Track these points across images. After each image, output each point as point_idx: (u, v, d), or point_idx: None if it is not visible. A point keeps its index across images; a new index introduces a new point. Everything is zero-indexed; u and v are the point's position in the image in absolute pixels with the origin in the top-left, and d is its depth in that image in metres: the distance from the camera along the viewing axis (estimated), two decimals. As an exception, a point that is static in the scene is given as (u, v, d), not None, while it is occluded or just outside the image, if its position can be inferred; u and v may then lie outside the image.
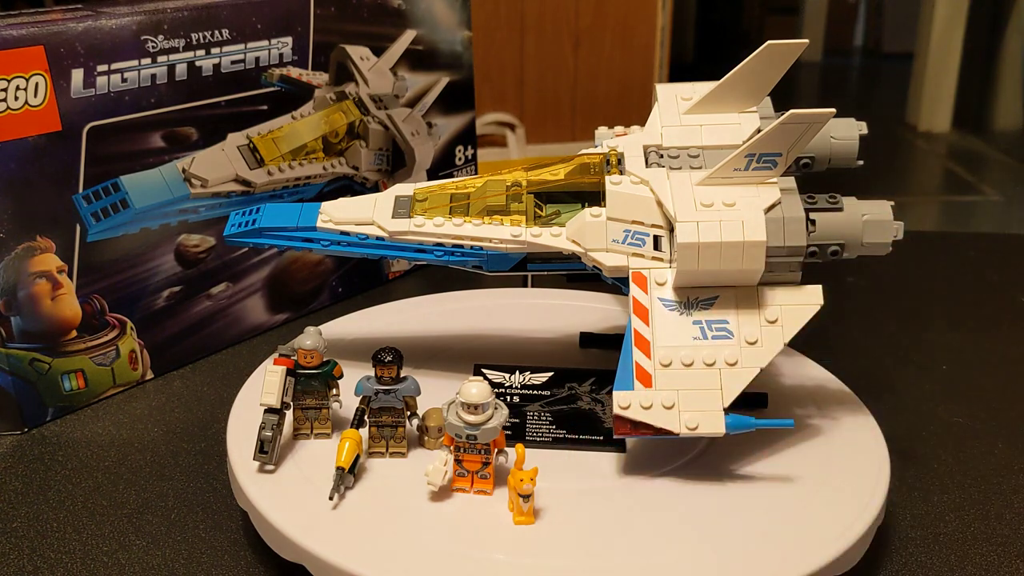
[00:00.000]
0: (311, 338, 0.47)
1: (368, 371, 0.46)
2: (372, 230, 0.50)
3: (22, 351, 0.55)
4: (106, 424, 0.57)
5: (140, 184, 0.58)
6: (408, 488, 0.44)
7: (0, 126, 0.51)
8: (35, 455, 0.53)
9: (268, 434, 0.45)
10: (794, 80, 2.93)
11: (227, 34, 0.60)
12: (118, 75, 0.55)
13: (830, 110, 0.42)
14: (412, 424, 0.47)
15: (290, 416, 0.47)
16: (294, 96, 0.66)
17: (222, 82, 0.61)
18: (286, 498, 0.43)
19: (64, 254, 0.56)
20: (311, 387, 0.47)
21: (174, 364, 0.63)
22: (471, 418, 0.42)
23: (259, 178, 0.65)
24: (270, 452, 0.45)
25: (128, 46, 0.56)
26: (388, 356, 0.46)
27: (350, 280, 0.74)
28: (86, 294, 0.57)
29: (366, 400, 0.46)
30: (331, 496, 0.43)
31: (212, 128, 0.61)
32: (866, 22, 3.51)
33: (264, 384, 0.46)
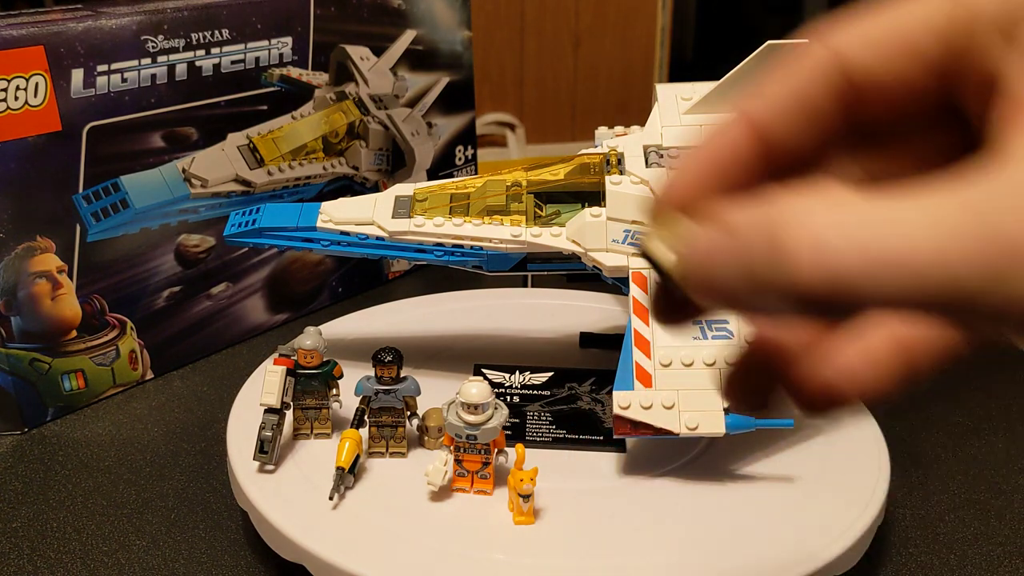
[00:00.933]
0: (311, 338, 0.47)
1: (368, 371, 0.46)
2: (372, 230, 0.50)
3: (22, 351, 0.55)
4: (106, 424, 0.57)
5: (140, 184, 0.58)
6: (408, 488, 0.44)
7: (0, 126, 0.51)
8: (35, 455, 0.53)
9: (268, 434, 0.45)
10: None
11: (227, 34, 0.60)
12: (118, 75, 0.55)
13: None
14: (412, 424, 0.47)
15: (290, 416, 0.47)
16: (294, 96, 0.66)
17: (222, 82, 0.61)
18: (286, 498, 0.43)
19: (64, 254, 0.56)
20: (311, 387, 0.47)
21: (174, 364, 0.63)
22: (471, 418, 0.42)
23: (259, 178, 0.65)
24: (270, 452, 0.45)
25: (128, 46, 0.56)
26: (388, 356, 0.46)
27: (350, 280, 0.74)
28: (86, 294, 0.57)
29: (366, 400, 0.46)
30: (331, 496, 0.43)
31: (212, 128, 0.61)
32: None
33: (264, 384, 0.46)
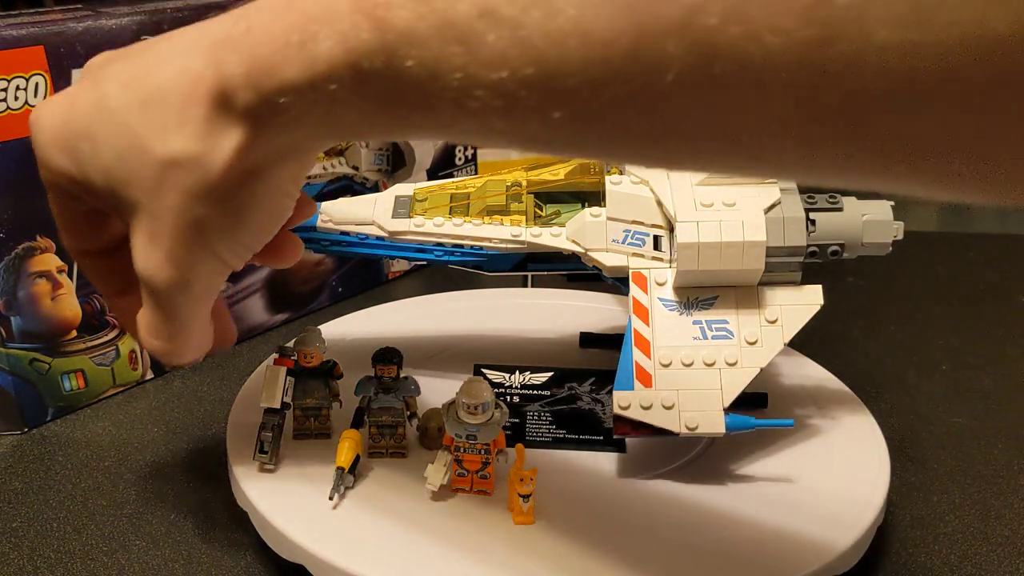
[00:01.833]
0: (311, 338, 0.47)
1: (368, 371, 0.46)
2: (372, 230, 0.50)
3: (22, 351, 0.55)
4: (106, 424, 0.57)
5: (140, 184, 0.58)
6: (408, 488, 0.44)
7: (0, 126, 0.51)
8: (35, 455, 0.53)
9: (268, 434, 0.45)
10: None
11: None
12: (118, 75, 0.55)
13: None
14: (412, 424, 0.47)
15: (290, 416, 0.47)
16: (294, 96, 0.66)
17: (222, 82, 0.61)
18: (286, 498, 0.43)
19: (64, 254, 0.55)
20: (311, 387, 0.47)
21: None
22: (471, 418, 0.42)
23: (259, 178, 0.64)
24: (270, 452, 0.44)
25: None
26: (388, 356, 0.46)
27: (350, 280, 0.74)
28: (86, 294, 0.57)
29: (366, 400, 0.46)
30: (331, 496, 0.43)
31: (212, 128, 0.61)
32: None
33: (264, 384, 0.46)
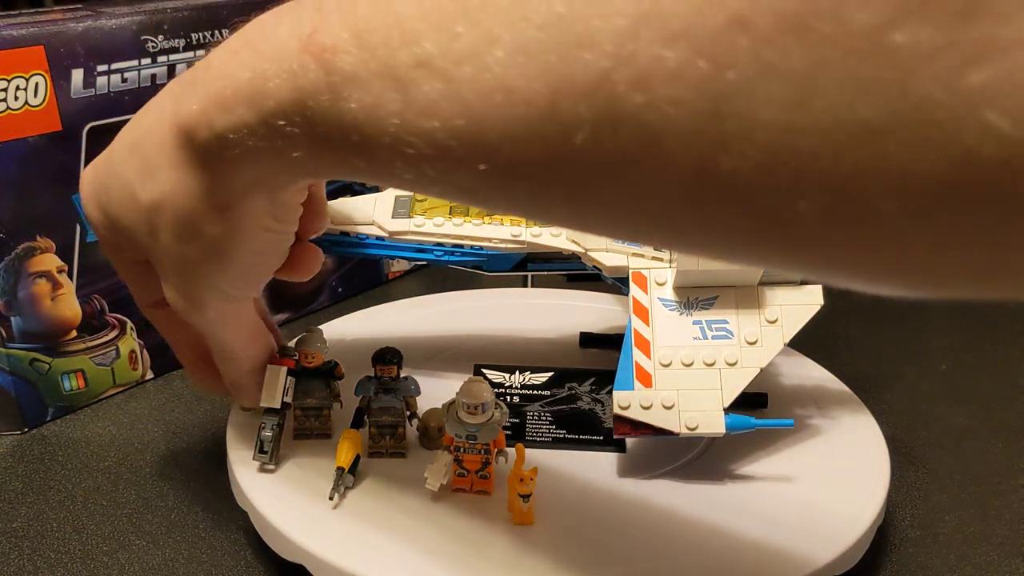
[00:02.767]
0: (313, 339, 0.47)
1: (368, 371, 0.46)
2: (372, 230, 0.50)
3: (22, 351, 0.55)
4: (106, 424, 0.57)
5: (140, 184, 0.58)
6: (408, 488, 0.44)
7: (0, 126, 0.51)
8: (35, 455, 0.53)
9: (268, 434, 0.45)
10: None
11: (227, 34, 0.60)
12: (118, 75, 0.55)
13: None
14: (412, 424, 0.47)
15: (291, 416, 0.47)
16: (294, 96, 0.66)
17: (222, 82, 0.61)
18: (286, 498, 0.43)
19: (64, 254, 0.56)
20: (312, 387, 0.47)
21: (174, 364, 0.63)
22: (471, 418, 0.42)
23: (259, 178, 0.65)
24: (270, 452, 0.44)
25: (128, 46, 0.56)
26: (388, 356, 0.46)
27: (350, 280, 0.74)
28: (86, 294, 0.57)
29: (366, 400, 0.46)
30: (331, 496, 0.43)
31: (212, 128, 0.61)
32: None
33: (264, 384, 0.46)
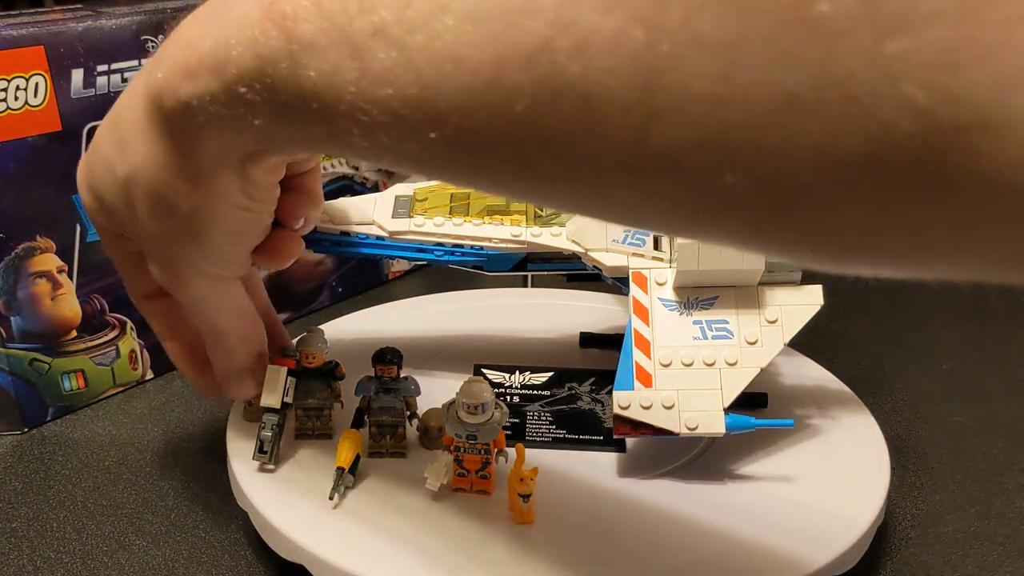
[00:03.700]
0: (314, 339, 0.47)
1: (368, 371, 0.46)
2: (372, 230, 0.50)
3: (22, 351, 0.55)
4: (106, 424, 0.57)
5: (140, 184, 0.58)
6: (408, 488, 0.44)
7: (0, 126, 0.51)
8: (35, 455, 0.53)
9: (268, 434, 0.45)
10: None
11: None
12: (118, 75, 0.55)
13: None
14: (412, 424, 0.47)
15: (291, 416, 0.47)
16: (294, 96, 0.65)
17: (222, 82, 0.61)
18: (286, 498, 0.43)
19: (64, 254, 0.56)
20: (312, 387, 0.47)
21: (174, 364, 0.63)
22: (471, 418, 0.42)
23: (259, 178, 0.64)
24: (270, 452, 0.44)
25: (128, 46, 0.56)
26: (388, 356, 0.46)
27: (350, 280, 0.74)
28: (86, 294, 0.57)
29: (366, 400, 0.46)
30: (331, 496, 0.43)
31: (212, 128, 0.61)
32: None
33: (265, 384, 0.46)
